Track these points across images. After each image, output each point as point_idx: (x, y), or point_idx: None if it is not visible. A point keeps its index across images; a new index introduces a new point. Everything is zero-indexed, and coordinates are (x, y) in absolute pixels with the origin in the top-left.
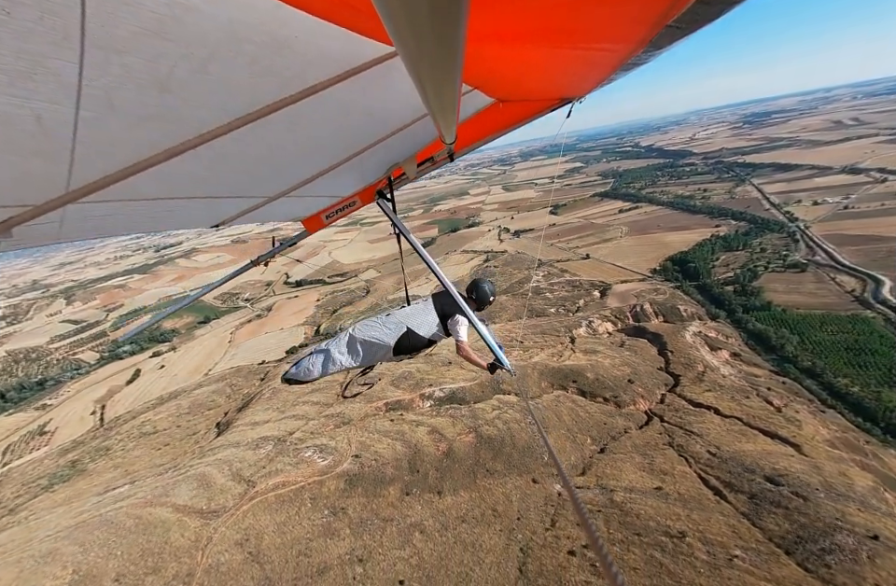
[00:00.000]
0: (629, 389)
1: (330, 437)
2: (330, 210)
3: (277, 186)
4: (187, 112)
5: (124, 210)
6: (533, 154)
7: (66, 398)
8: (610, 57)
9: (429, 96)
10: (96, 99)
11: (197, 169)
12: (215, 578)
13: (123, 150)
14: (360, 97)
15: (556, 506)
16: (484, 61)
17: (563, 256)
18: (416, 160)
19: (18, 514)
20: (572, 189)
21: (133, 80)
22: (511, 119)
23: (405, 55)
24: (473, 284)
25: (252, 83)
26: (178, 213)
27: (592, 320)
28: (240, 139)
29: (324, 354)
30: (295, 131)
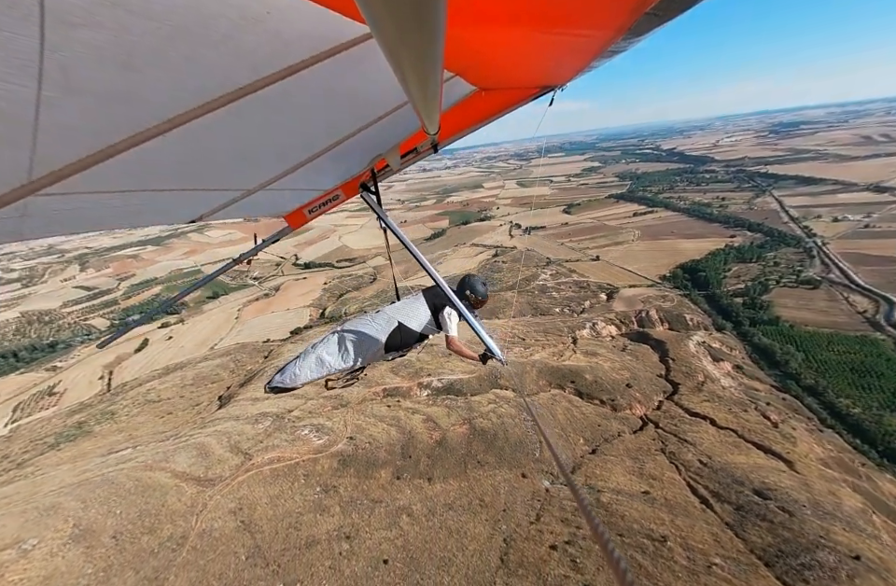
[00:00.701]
0: (627, 393)
1: (327, 417)
2: (313, 204)
3: (256, 177)
4: (153, 93)
5: (92, 203)
6: (551, 150)
7: (76, 362)
8: (590, 43)
9: (409, 83)
10: (55, 77)
11: (168, 158)
12: (207, 542)
13: (87, 135)
14: (339, 81)
15: (542, 501)
16: (466, 45)
17: (572, 256)
18: (400, 151)
19: (25, 469)
20: (588, 189)
21: (92, 56)
22: (493, 108)
23: (381, 39)
24: (465, 280)
25: (223, 63)
26: (151, 207)
27: (596, 322)
28: (213, 125)
29: (312, 356)
30: (271, 117)
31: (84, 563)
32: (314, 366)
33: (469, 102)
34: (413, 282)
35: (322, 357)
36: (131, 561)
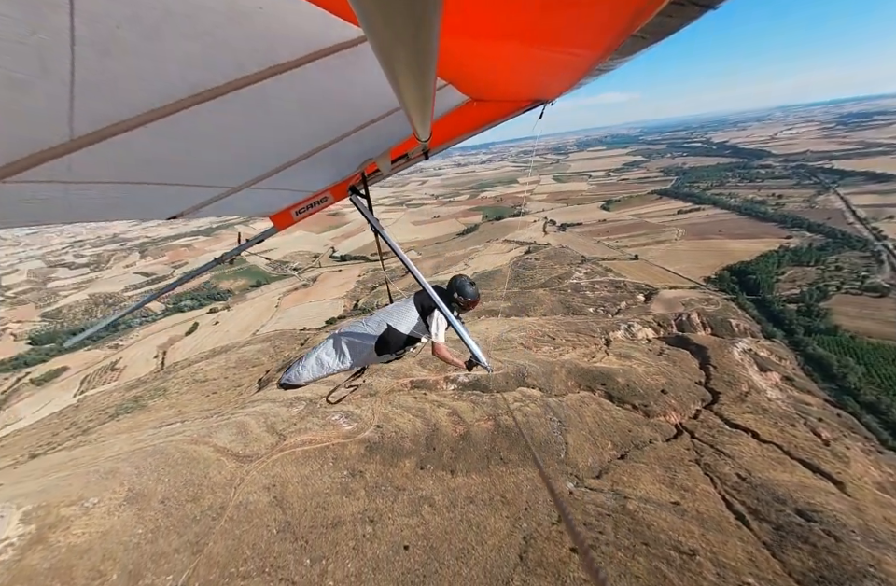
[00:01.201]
0: (661, 400)
1: (357, 405)
2: (301, 206)
3: (241, 175)
4: (134, 82)
5: (65, 194)
6: (591, 144)
7: (134, 342)
8: (579, 61)
9: (402, 88)
10: (28, 58)
11: (148, 149)
12: (243, 514)
13: (61, 122)
14: (329, 83)
15: (566, 503)
16: (458, 55)
17: (609, 254)
18: (391, 156)
19: (90, 435)
20: (629, 185)
21: (70, 40)
22: (484, 119)
23: (375, 42)
24: (453, 281)
25: (210, 56)
26: (129, 200)
27: (632, 324)
28: (196, 119)
29: (313, 357)
30: (258, 114)
31: (136, 523)
32: (314, 366)
33: (461, 111)
34: (444, 277)
35: (321, 358)
36: (175, 525)
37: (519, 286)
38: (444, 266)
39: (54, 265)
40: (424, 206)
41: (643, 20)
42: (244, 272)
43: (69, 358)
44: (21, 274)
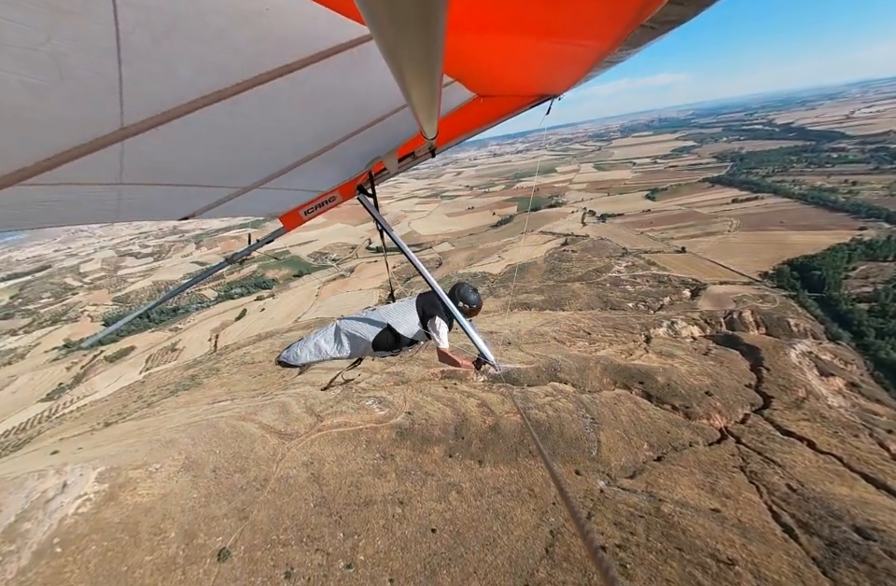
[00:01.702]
0: (705, 401)
1: (389, 392)
2: (309, 206)
3: (250, 176)
4: (147, 86)
5: (79, 195)
6: (637, 129)
7: (191, 325)
8: (587, 54)
9: (408, 86)
10: (45, 66)
11: (159, 151)
12: (284, 487)
13: (79, 125)
14: (336, 81)
15: (596, 501)
16: (465, 51)
17: (653, 246)
18: (398, 155)
19: (154, 408)
20: (678, 172)
21: (86, 46)
22: (491, 115)
23: (381, 41)
24: (455, 289)
25: (218, 58)
26: (141, 201)
27: (675, 321)
28: (207, 120)
29: (312, 342)
30: (267, 114)
31: (191, 488)
32: (312, 350)
33: (468, 108)
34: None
35: (319, 344)
36: (225, 492)
37: (554, 279)
38: (478, 258)
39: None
40: (458, 198)
41: (653, 9)
42: (287, 262)
43: (136, 339)
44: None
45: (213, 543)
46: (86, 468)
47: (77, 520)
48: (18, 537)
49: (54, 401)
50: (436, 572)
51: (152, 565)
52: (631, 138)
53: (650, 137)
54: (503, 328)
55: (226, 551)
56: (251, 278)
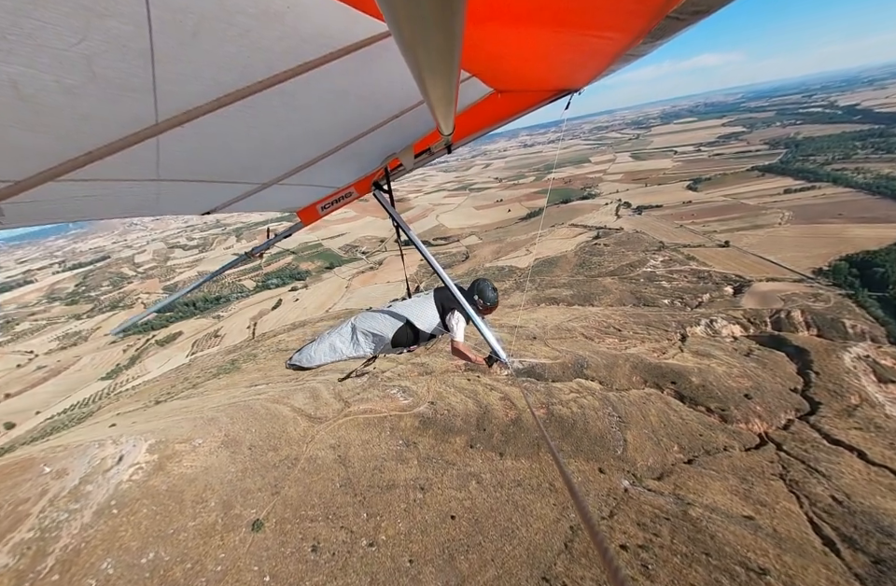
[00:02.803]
0: (743, 405)
1: (413, 382)
2: (326, 201)
3: (270, 171)
4: (173, 85)
5: (108, 191)
6: (680, 115)
7: (232, 313)
8: (609, 46)
9: (426, 82)
10: (77, 66)
11: (185, 149)
12: (312, 466)
13: (109, 124)
14: (355, 78)
15: (619, 500)
16: (483, 45)
17: (693, 240)
18: (414, 151)
19: (198, 389)
20: (723, 161)
21: (116, 47)
22: (509, 111)
23: (399, 37)
24: (475, 284)
25: (242, 57)
26: (166, 197)
27: (715, 319)
28: (229, 117)
29: (327, 342)
30: (287, 111)
31: (230, 463)
32: (327, 351)
33: (485, 103)
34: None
35: (335, 344)
36: (259, 469)
37: (584, 274)
38: (505, 252)
39: (172, 246)
40: (487, 190)
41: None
42: (320, 254)
43: (184, 325)
44: (148, 254)
45: (248, 514)
46: (139, 440)
47: (130, 485)
48: (81, 497)
49: (112, 380)
50: (454, 557)
51: (194, 529)
52: (672, 125)
53: (693, 124)
54: (528, 323)
55: (259, 523)
56: (286, 269)
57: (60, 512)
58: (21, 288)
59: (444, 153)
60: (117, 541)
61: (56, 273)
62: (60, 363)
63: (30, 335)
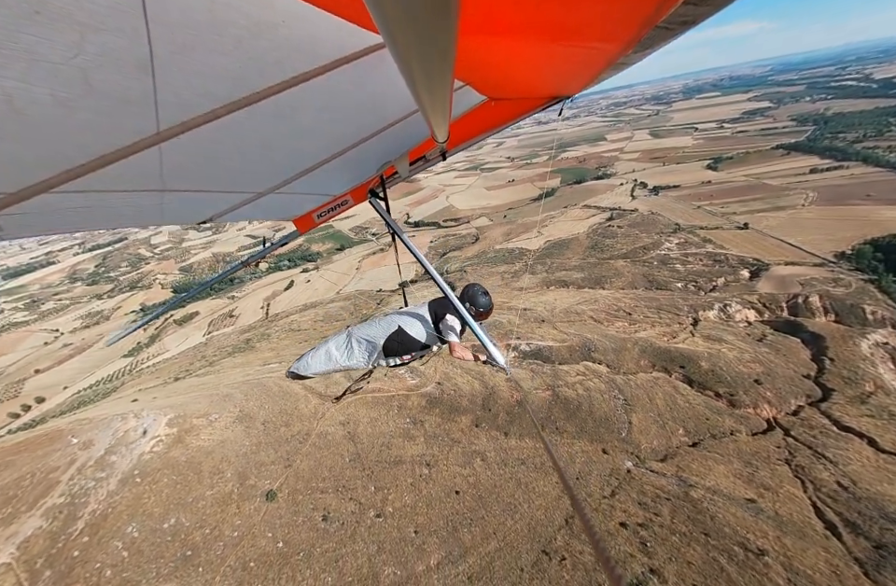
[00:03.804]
0: (753, 390)
1: (421, 362)
2: (322, 209)
3: (266, 180)
4: (168, 96)
5: (104, 202)
6: (703, 89)
7: (246, 294)
8: (600, 56)
9: (420, 92)
10: (73, 79)
11: (181, 160)
12: (323, 441)
13: (103, 136)
14: (350, 89)
15: (621, 480)
16: (476, 55)
17: (711, 222)
18: (409, 159)
19: (214, 366)
20: (747, 138)
21: (111, 60)
22: (503, 118)
23: (394, 48)
24: (465, 291)
25: (235, 69)
26: (163, 207)
27: (729, 304)
28: (225, 128)
29: (323, 349)
30: (282, 122)
31: (244, 437)
32: (323, 359)
33: (479, 111)
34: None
35: (330, 351)
36: (272, 443)
37: (596, 256)
38: (516, 233)
39: (186, 228)
40: (498, 170)
41: (668, 10)
42: (330, 236)
43: (200, 305)
44: (164, 235)
45: (262, 485)
46: (159, 415)
47: (152, 456)
48: (107, 466)
49: (134, 357)
50: (457, 529)
51: (212, 498)
52: (695, 100)
53: (717, 98)
54: (537, 305)
55: (273, 493)
56: (297, 251)
57: (87, 480)
58: (44, 269)
59: (440, 160)
60: (140, 507)
61: (76, 255)
62: (84, 341)
63: (55, 314)
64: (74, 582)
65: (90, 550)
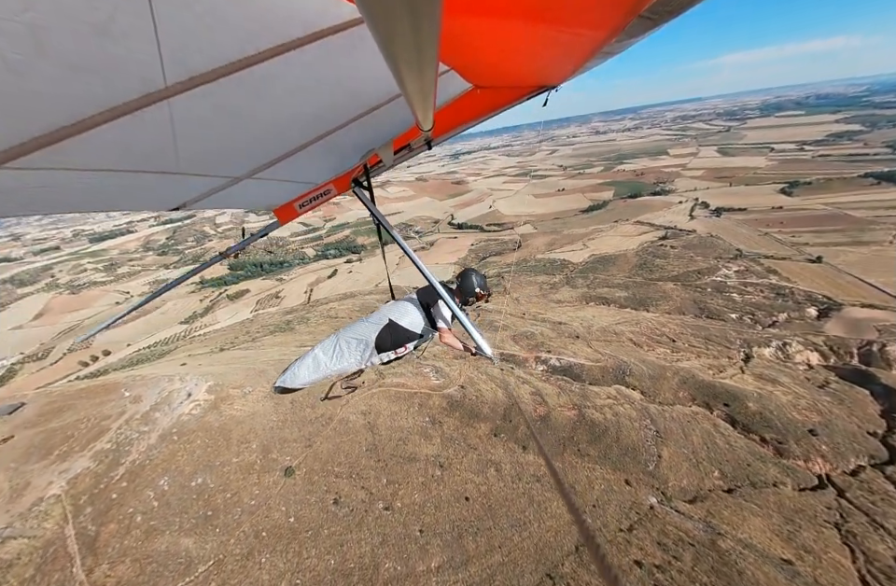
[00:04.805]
0: (806, 440)
1: (447, 363)
2: (304, 198)
3: (241, 164)
4: (130, 65)
5: (63, 181)
6: (784, 107)
7: (292, 278)
8: (585, 43)
9: (403, 72)
10: (21, 38)
11: (145, 136)
12: (343, 427)
13: (57, 106)
14: (330, 65)
15: (641, 516)
16: (461, 38)
17: (778, 251)
18: (393, 147)
19: (255, 342)
20: (830, 163)
21: (67, 19)
22: (488, 107)
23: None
24: (460, 273)
25: (207, 37)
26: (129, 190)
27: (789, 342)
28: (194, 103)
29: (310, 357)
30: (257, 97)
31: (272, 412)
32: (311, 366)
33: (464, 99)
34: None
35: (318, 358)
36: (297, 421)
37: (643, 276)
38: (560, 244)
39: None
40: (549, 178)
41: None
42: (375, 230)
43: (251, 284)
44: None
45: (282, 460)
46: (201, 381)
47: (189, 418)
48: (150, 421)
49: (189, 325)
50: (462, 536)
51: (236, 465)
52: (773, 118)
53: (799, 118)
54: (573, 320)
55: (291, 469)
56: (344, 242)
57: (132, 431)
58: (124, 237)
59: (425, 149)
60: (173, 463)
61: (152, 226)
62: (149, 305)
63: (128, 278)
64: (109, 521)
65: (126, 494)
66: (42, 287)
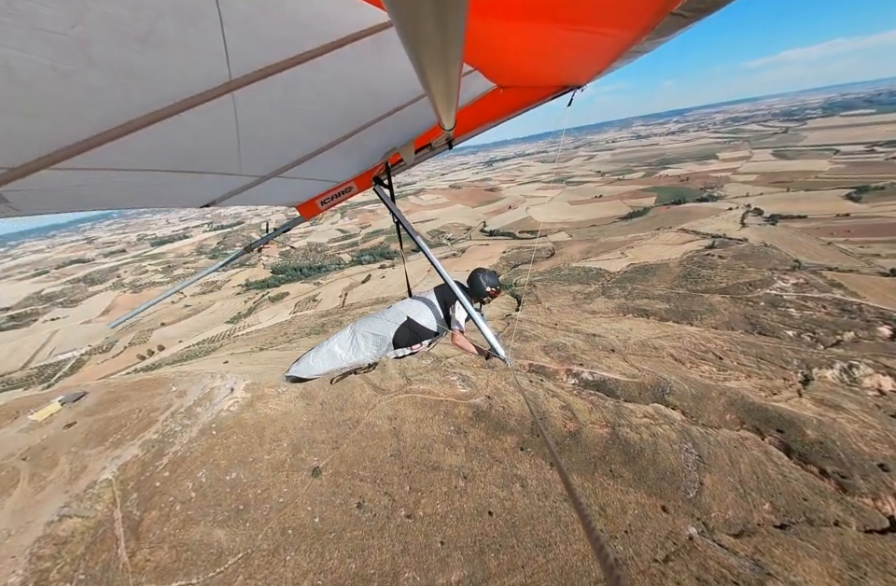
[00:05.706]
0: (875, 476)
1: (474, 372)
2: (326, 195)
3: (269, 164)
4: (171, 72)
5: (102, 181)
6: (851, 105)
7: (329, 282)
8: (613, 43)
9: (427, 74)
10: (72, 50)
11: (181, 138)
12: (369, 432)
13: (103, 111)
14: (355, 69)
15: (679, 547)
16: (486, 39)
17: (844, 262)
18: (415, 146)
19: (292, 343)
20: None
21: (111, 31)
22: (511, 107)
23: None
24: (470, 275)
25: (241, 45)
26: (163, 188)
27: (856, 365)
28: (226, 108)
29: (325, 348)
30: (286, 102)
31: (304, 413)
32: (326, 358)
33: (487, 99)
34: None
35: (333, 350)
36: (326, 424)
37: (687, 287)
38: (595, 252)
39: (289, 219)
40: (586, 184)
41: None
42: (408, 237)
43: (291, 287)
44: (272, 223)
45: (311, 460)
46: (240, 379)
47: (227, 414)
48: (192, 415)
49: (234, 324)
50: (484, 552)
51: (268, 462)
52: (838, 118)
53: (868, 117)
54: (609, 333)
55: (318, 470)
56: (378, 248)
57: (177, 424)
58: (180, 242)
59: (446, 149)
60: (211, 457)
61: (205, 232)
62: (200, 304)
63: (182, 279)
64: (152, 508)
65: (167, 484)
66: (109, 286)
